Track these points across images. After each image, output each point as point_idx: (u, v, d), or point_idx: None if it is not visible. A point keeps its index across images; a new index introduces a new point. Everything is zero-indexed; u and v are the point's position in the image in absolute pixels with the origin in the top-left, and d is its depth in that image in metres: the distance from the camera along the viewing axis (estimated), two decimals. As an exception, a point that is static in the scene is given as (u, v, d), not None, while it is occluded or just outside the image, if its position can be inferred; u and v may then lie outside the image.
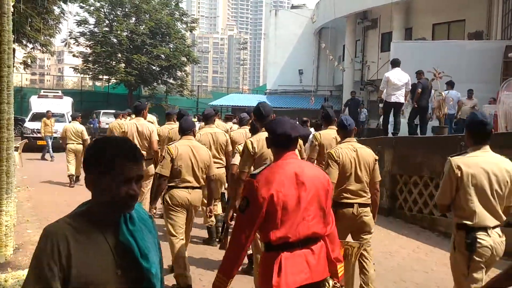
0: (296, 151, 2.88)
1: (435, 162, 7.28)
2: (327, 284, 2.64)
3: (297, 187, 2.53)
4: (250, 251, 4.48)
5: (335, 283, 2.68)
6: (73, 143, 10.58)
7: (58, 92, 22.58)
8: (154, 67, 32.83)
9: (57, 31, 23.74)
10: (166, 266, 4.80)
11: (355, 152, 4.10)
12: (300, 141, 4.88)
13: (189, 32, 37.92)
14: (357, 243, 3.67)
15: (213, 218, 5.97)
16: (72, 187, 10.33)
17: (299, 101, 31.92)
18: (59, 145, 17.17)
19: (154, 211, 4.70)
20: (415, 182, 7.89)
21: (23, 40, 21.68)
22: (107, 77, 33.46)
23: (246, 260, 5.02)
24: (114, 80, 33.27)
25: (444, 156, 7.03)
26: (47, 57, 69.13)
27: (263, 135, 3.84)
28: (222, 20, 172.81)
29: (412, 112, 10.27)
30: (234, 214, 4.12)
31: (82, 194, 9.11)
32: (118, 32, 30.86)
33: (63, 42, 31.75)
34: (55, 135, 17.57)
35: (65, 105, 20.17)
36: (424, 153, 7.76)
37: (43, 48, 23.01)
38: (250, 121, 6.08)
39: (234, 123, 9.79)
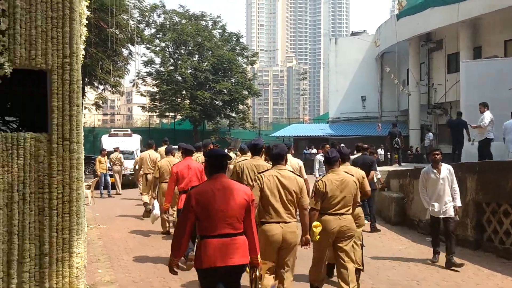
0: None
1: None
2: None
3: (188, 168, 6.62)
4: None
5: None
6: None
7: (127, 131, 23.41)
8: (217, 102, 33.56)
9: (125, 72, 24.90)
10: None
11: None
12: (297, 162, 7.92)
13: (249, 66, 38.55)
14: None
15: None
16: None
17: (363, 128, 31.15)
18: (128, 182, 17.77)
19: None
20: (506, 211, 7.12)
21: (95, 82, 22.88)
22: (173, 114, 34.57)
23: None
24: (180, 117, 34.33)
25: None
26: (117, 97, 72.94)
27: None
28: (281, 52, 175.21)
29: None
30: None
31: (150, 229, 8.96)
32: (183, 70, 31.98)
33: (131, 82, 33.32)
34: (124, 172, 18.19)
35: (134, 142, 20.86)
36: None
37: (113, 89, 24.14)
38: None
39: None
